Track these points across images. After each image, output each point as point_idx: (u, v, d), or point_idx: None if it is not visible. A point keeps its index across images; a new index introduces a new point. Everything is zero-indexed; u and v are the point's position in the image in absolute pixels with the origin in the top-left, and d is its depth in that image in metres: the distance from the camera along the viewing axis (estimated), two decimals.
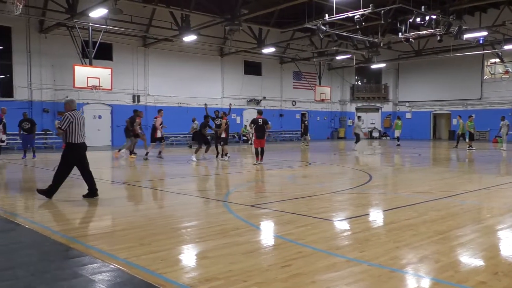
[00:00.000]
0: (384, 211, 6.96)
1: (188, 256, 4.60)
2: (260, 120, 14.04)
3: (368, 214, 6.74)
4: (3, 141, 15.03)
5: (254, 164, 14.02)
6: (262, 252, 4.64)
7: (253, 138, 14.94)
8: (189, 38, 23.59)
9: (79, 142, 7.72)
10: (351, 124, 38.80)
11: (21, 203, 7.72)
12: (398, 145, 24.99)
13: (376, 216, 6.64)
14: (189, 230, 5.61)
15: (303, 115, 35.58)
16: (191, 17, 22.78)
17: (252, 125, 14.36)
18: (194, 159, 15.42)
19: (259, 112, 14.61)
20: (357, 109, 38.61)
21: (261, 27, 26.16)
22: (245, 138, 29.59)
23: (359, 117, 30.37)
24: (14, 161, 15.59)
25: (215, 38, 28.38)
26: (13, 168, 13.85)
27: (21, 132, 16.02)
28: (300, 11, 22.49)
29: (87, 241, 4.89)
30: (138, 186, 9.80)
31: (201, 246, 4.79)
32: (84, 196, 7.79)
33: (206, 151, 16.63)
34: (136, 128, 16.44)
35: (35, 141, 17.36)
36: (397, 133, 26.03)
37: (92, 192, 7.76)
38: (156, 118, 16.50)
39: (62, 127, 7.51)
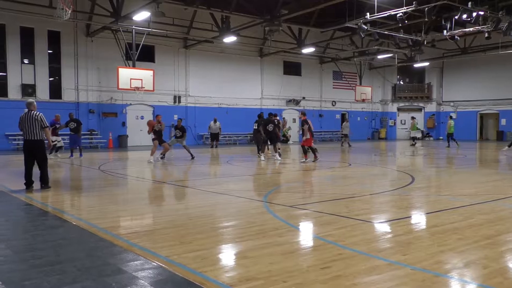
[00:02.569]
0: (427, 213, 6.76)
1: (228, 255, 4.63)
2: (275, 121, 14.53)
3: (410, 217, 6.57)
4: (53, 142, 15.63)
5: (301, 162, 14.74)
6: (302, 253, 4.61)
7: (304, 137, 15.00)
8: (229, 39, 23.79)
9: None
10: (393, 124, 38.00)
11: (68, 200, 8.01)
12: (447, 144, 24.75)
13: (419, 219, 6.46)
14: (229, 230, 5.65)
15: (343, 115, 35.16)
16: (231, 18, 22.98)
17: (306, 125, 14.87)
18: (279, 157, 15.69)
19: (273, 115, 15.09)
20: (399, 109, 37.76)
21: (301, 27, 26.05)
22: (284, 138, 29.50)
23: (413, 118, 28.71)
24: (61, 160, 16.21)
25: (254, 39, 28.50)
26: (60, 167, 14.41)
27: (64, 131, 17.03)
28: (341, 10, 22.22)
29: (130, 239, 5.01)
30: (179, 186, 9.96)
31: (240, 246, 4.82)
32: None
33: (263, 151, 16.47)
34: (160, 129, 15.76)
35: (82, 140, 18.03)
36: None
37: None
38: (151, 122, 15.93)
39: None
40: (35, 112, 8.64)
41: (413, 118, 27.47)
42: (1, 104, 21.31)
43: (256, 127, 16.84)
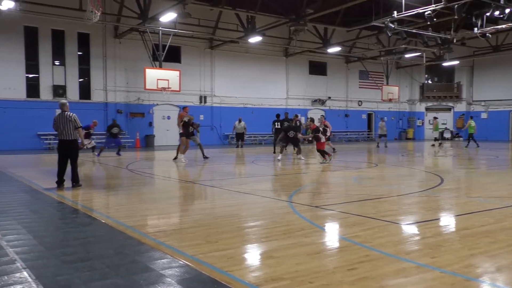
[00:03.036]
0: (456, 216, 6.62)
1: (254, 255, 4.64)
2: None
3: (439, 219, 6.44)
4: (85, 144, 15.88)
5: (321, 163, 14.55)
6: (328, 254, 4.58)
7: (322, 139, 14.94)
8: (255, 39, 23.84)
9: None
10: (421, 124, 37.33)
11: (97, 199, 8.18)
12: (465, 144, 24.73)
13: (448, 221, 6.33)
14: (255, 230, 5.65)
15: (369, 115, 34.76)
16: (256, 18, 23.03)
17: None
18: (303, 158, 15.68)
19: (296, 116, 15.11)
20: (427, 109, 37.07)
21: (326, 26, 25.90)
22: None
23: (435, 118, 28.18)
24: (89, 159, 16.55)
25: (280, 39, 28.47)
26: (88, 166, 14.71)
27: (108, 135, 18.04)
28: (367, 9, 21.98)
29: (158, 237, 5.08)
30: (205, 185, 10.04)
31: (266, 246, 4.82)
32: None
33: (281, 152, 16.41)
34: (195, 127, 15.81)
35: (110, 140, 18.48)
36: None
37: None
38: (181, 114, 15.51)
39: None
40: (68, 112, 8.86)
41: (435, 118, 27.19)
42: (34, 105, 21.92)
43: (278, 126, 16.92)
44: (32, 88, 22.37)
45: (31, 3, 18.88)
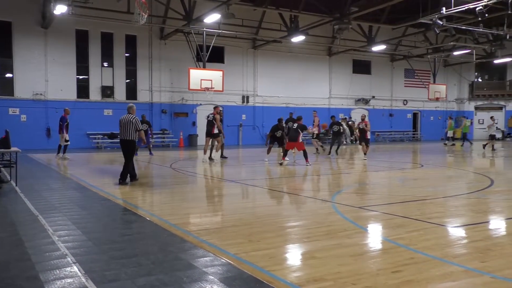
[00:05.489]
0: (507, 219, 6.34)
1: (296, 255, 4.63)
2: (295, 125, 14.19)
3: (488, 222, 6.19)
4: (67, 141, 15.91)
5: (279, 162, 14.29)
6: (372, 256, 4.51)
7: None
8: (298, 38, 23.72)
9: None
10: (470, 124, 35.92)
11: (142, 197, 8.40)
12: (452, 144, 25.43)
13: (499, 224, 6.07)
14: (297, 230, 5.64)
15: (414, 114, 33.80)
16: (299, 18, 22.90)
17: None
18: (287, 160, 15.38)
19: (298, 118, 14.78)
20: (476, 108, 35.65)
21: (371, 24, 25.38)
22: (352, 138, 28.92)
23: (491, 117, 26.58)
24: (137, 159, 17.02)
25: (323, 38, 28.16)
26: (135, 165, 15.10)
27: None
28: (414, 5, 21.36)
29: (200, 235, 5.16)
30: (247, 184, 10.10)
31: (308, 246, 4.79)
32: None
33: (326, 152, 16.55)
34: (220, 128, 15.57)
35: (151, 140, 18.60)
36: (450, 134, 26.08)
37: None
38: (214, 114, 15.20)
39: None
40: (133, 115, 9.60)
41: (450, 118, 27.24)
42: (83, 105, 22.77)
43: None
44: (82, 89, 23.25)
45: (83, 7, 19.63)
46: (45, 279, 3.68)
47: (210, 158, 15.36)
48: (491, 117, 25.92)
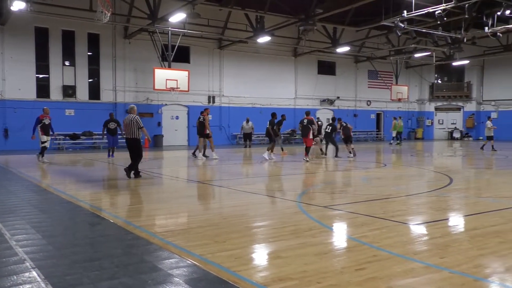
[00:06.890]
0: (465, 216, 6.57)
1: (262, 255, 4.64)
2: (305, 121, 14.90)
3: (448, 219, 6.40)
4: (43, 142, 14.92)
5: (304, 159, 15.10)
6: (336, 254, 4.57)
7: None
8: (263, 39, 23.81)
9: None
10: (430, 124, 37.06)
11: (105, 199, 8.23)
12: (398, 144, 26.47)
13: (457, 221, 6.28)
14: (263, 230, 5.66)
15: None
16: (265, 18, 23.00)
17: (300, 125, 15.78)
18: (273, 157, 16.09)
19: (306, 113, 15.71)
20: (437, 109, 36.80)
21: (335, 26, 25.79)
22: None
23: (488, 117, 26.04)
24: (100, 159, 16.65)
25: (288, 39, 28.42)
26: (98, 166, 14.80)
27: (104, 132, 17.03)
28: (377, 8, 21.86)
29: (166, 237, 5.10)
30: (212, 185, 10.06)
31: (274, 246, 4.82)
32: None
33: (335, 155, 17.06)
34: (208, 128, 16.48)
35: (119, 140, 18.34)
36: (394, 133, 27.39)
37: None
38: (204, 116, 16.37)
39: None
40: (134, 115, 10.63)
41: (395, 118, 28.20)
42: (43, 105, 21.99)
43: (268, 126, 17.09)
44: (42, 88, 22.54)
45: (42, 4, 19.02)
46: (2, 286, 3.54)
47: (204, 155, 16.48)
48: (488, 117, 25.04)
